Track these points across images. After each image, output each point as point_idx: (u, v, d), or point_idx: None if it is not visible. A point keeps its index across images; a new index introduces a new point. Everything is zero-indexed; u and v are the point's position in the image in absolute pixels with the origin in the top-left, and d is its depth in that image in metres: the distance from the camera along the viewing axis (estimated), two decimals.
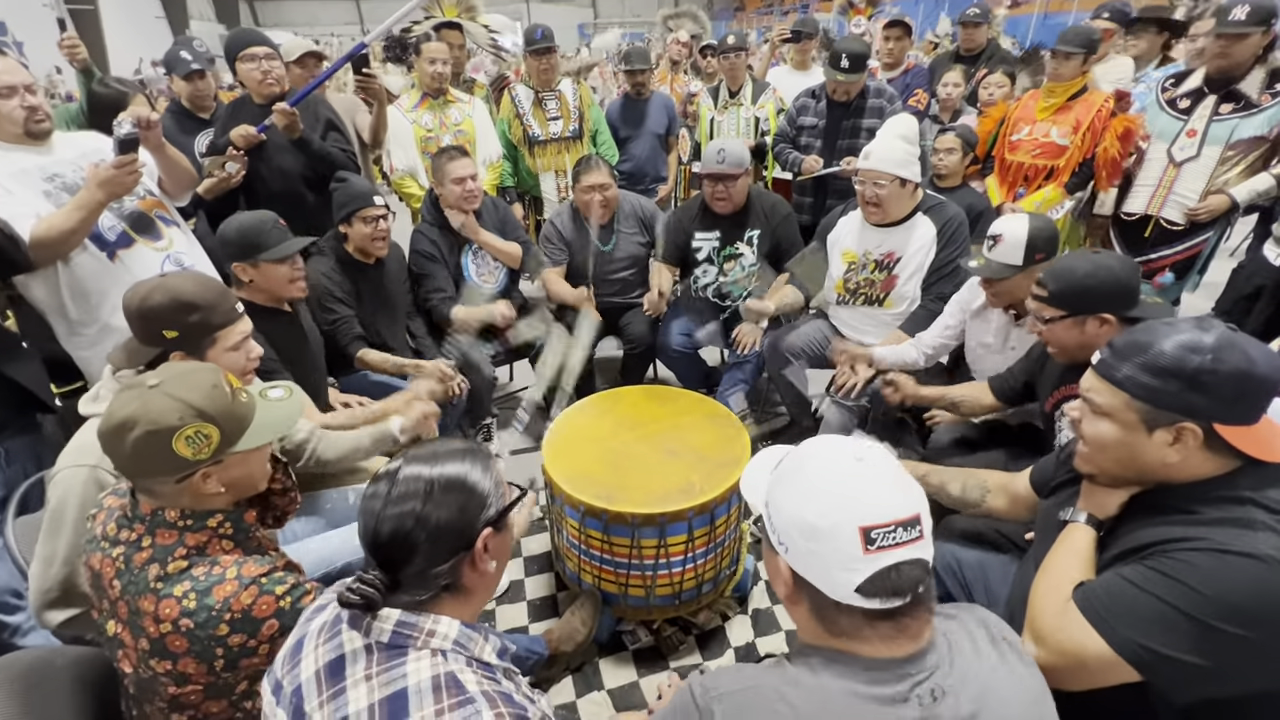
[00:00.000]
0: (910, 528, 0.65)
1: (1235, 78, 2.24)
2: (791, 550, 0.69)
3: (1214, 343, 0.82)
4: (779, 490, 0.73)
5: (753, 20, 21.40)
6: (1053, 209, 2.60)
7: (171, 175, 1.88)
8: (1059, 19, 11.25)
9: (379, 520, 0.74)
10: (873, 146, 2.03)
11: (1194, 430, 0.83)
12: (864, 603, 0.65)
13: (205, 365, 0.98)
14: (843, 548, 0.64)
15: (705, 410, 1.89)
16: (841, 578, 0.65)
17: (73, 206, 1.56)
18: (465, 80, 3.28)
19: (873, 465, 0.69)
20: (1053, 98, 2.57)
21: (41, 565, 1.10)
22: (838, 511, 0.66)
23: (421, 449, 0.81)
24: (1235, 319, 2.26)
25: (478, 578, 0.79)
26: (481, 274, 2.51)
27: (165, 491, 0.90)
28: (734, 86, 3.15)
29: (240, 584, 0.89)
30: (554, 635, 1.58)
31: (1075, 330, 1.34)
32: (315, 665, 0.74)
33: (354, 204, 2.03)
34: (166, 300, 1.19)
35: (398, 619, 0.73)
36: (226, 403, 0.92)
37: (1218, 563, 0.77)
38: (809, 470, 0.71)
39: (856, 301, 2.24)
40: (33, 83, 1.62)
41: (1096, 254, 1.38)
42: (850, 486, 0.67)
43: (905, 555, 0.64)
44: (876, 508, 0.65)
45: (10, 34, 11.06)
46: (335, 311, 2.04)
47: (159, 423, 0.85)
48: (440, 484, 0.75)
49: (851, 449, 0.71)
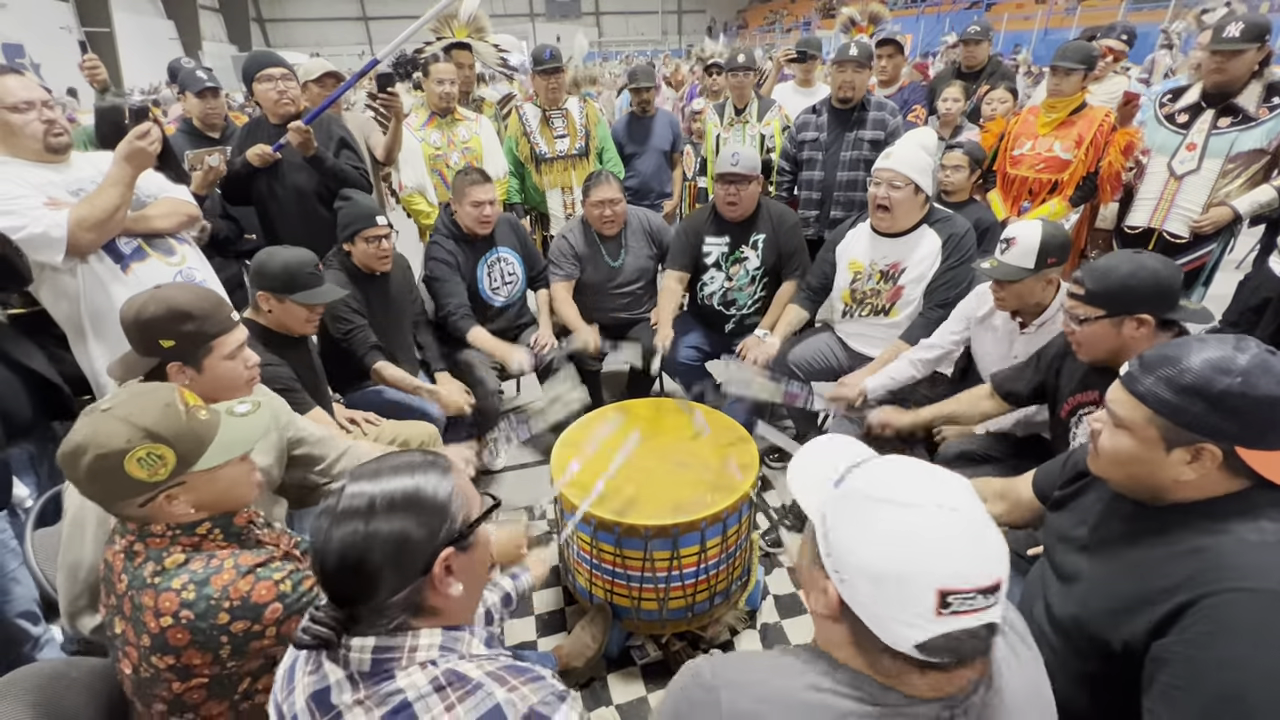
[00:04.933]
0: (990, 594, 0.58)
1: (1232, 92, 2.26)
2: (849, 585, 0.61)
3: (1246, 365, 0.78)
4: (845, 517, 0.63)
5: (755, 39, 21.69)
6: (1058, 222, 2.63)
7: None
8: (1060, 35, 11.36)
9: (324, 552, 0.67)
10: (894, 149, 2.05)
11: (1214, 452, 0.81)
12: (920, 657, 0.59)
13: (160, 385, 0.97)
14: (913, 605, 0.57)
15: (713, 422, 1.89)
16: (903, 632, 0.58)
17: (106, 184, 1.58)
18: (474, 99, 3.34)
19: (963, 516, 0.59)
20: (1054, 113, 2.60)
21: (68, 573, 1.11)
22: (916, 567, 0.58)
23: (368, 464, 0.73)
24: (1242, 331, 2.26)
25: (444, 600, 0.72)
26: (495, 286, 2.54)
27: (134, 514, 0.90)
28: (740, 104, 3.19)
29: (238, 572, 0.90)
30: (564, 651, 1.58)
31: (1112, 332, 1.30)
32: (304, 695, 0.71)
33: (357, 224, 2.06)
34: (162, 310, 1.21)
35: (374, 645, 0.68)
36: (179, 422, 0.90)
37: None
38: (890, 514, 0.60)
39: (863, 312, 2.25)
40: (50, 99, 1.64)
41: (1138, 254, 1.35)
42: (937, 545, 0.58)
43: (978, 621, 0.58)
44: (960, 571, 0.57)
45: (28, 56, 11.29)
46: (350, 322, 2.06)
47: (106, 446, 0.84)
48: (383, 501, 0.68)
49: (941, 492, 0.61)
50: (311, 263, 1.73)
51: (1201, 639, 0.77)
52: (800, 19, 21.70)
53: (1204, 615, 0.77)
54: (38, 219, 1.51)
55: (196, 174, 2.23)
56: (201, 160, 2.24)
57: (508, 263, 2.55)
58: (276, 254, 1.70)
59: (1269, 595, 0.75)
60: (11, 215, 1.49)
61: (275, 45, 23.32)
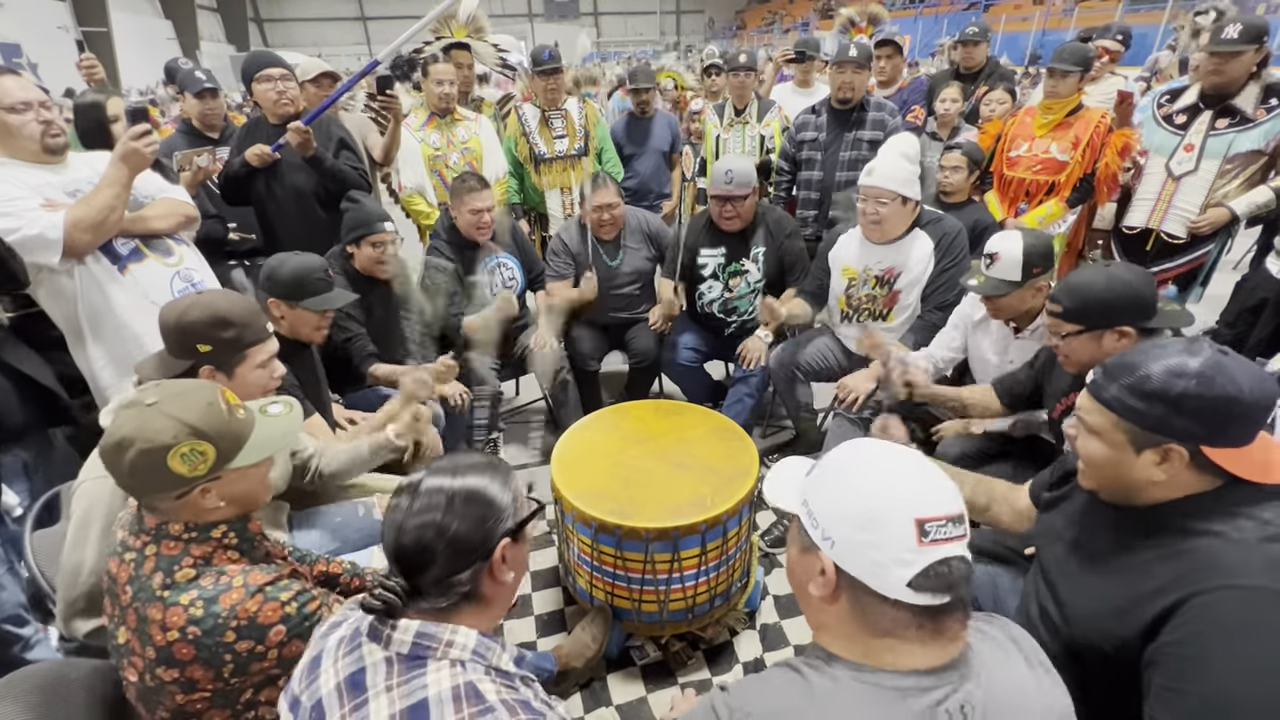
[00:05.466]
0: (958, 523, 0.66)
1: (1230, 93, 2.27)
2: (839, 544, 0.68)
3: (1199, 368, 0.81)
4: (823, 487, 0.72)
5: (753, 39, 21.73)
6: (1054, 223, 2.64)
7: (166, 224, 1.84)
8: (1057, 36, 11.39)
9: (401, 530, 0.76)
10: (876, 164, 2.05)
11: (1180, 452, 0.84)
12: (914, 598, 0.64)
13: (202, 383, 1.00)
14: (897, 538, 0.64)
15: (712, 424, 1.90)
16: (894, 572, 0.64)
17: (103, 185, 1.58)
18: (473, 99, 3.33)
19: (915, 463, 0.69)
20: (1050, 114, 2.61)
21: (69, 575, 1.11)
22: (892, 502, 0.65)
23: (444, 462, 0.83)
24: (1241, 331, 2.28)
25: (496, 588, 0.80)
26: (495, 291, 2.54)
27: (166, 507, 0.92)
28: (740, 105, 3.20)
29: (246, 592, 0.90)
30: (564, 651, 1.58)
31: (1093, 345, 1.32)
32: (336, 679, 0.74)
33: (363, 229, 2.06)
34: (205, 315, 1.23)
35: (417, 630, 0.74)
36: (223, 420, 0.93)
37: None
38: (859, 464, 0.70)
39: (860, 317, 2.25)
40: (46, 99, 1.64)
41: (1109, 266, 1.37)
42: (904, 479, 0.67)
43: (955, 551, 0.65)
44: (930, 500, 0.65)
45: (25, 56, 11.27)
46: (349, 330, 2.06)
47: (154, 441, 0.86)
48: (461, 496, 0.78)
49: (894, 449, 0.71)
50: (321, 268, 1.72)
51: (1191, 638, 0.78)
52: (799, 20, 21.74)
53: (1193, 615, 0.79)
54: (34, 220, 1.51)
55: (185, 174, 2.23)
56: (190, 161, 2.24)
57: (507, 268, 2.55)
58: (286, 261, 1.69)
59: (1255, 592, 0.76)
60: (7, 217, 1.48)
61: (274, 45, 23.31)
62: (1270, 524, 0.81)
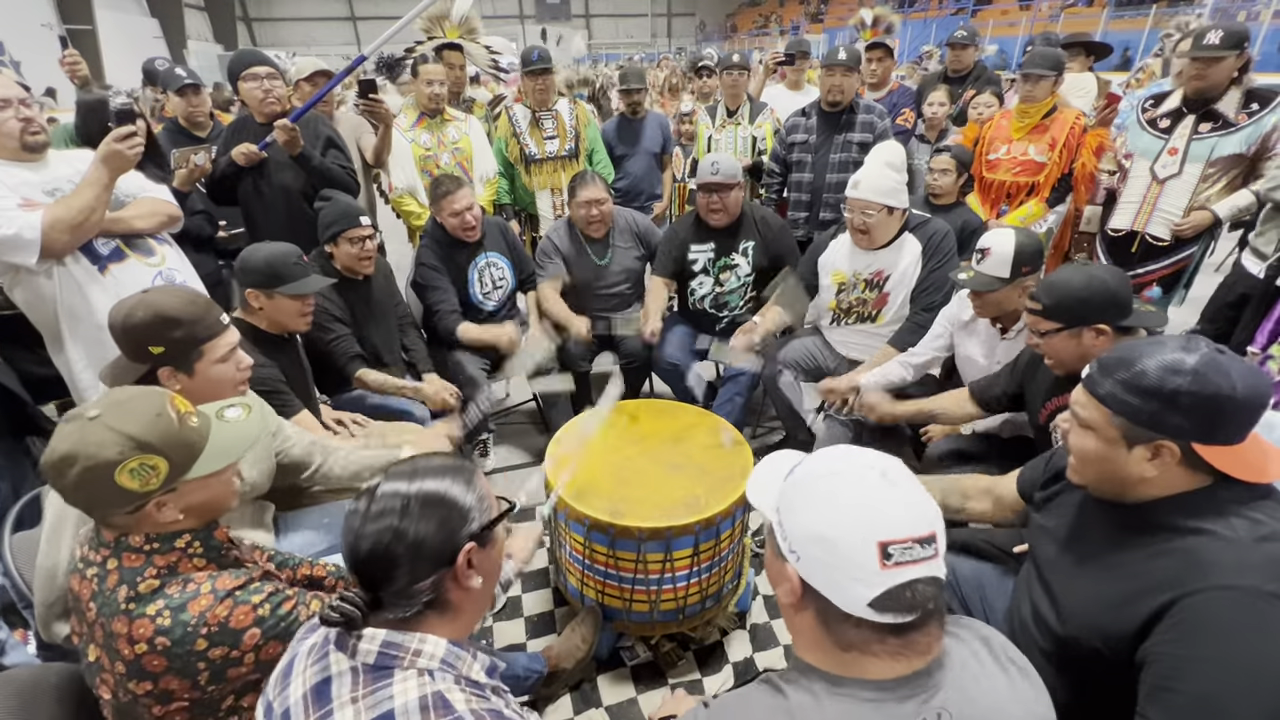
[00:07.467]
0: (927, 544, 0.64)
1: (1212, 98, 2.30)
2: (804, 559, 0.67)
3: (1195, 365, 0.82)
4: (794, 497, 0.71)
5: (745, 42, 21.81)
6: (1035, 223, 2.69)
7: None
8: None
9: (358, 537, 0.73)
10: (861, 175, 2.06)
11: (1172, 448, 0.84)
12: (876, 617, 0.63)
13: (151, 391, 0.93)
14: (859, 561, 0.63)
15: (704, 424, 1.89)
16: (855, 591, 0.63)
17: (83, 185, 1.55)
18: (464, 100, 3.32)
19: (893, 481, 0.67)
20: (1027, 118, 2.68)
21: (44, 578, 1.09)
22: (856, 525, 0.64)
23: (404, 465, 0.79)
24: (1222, 327, 2.31)
25: (463, 594, 0.77)
26: (486, 290, 2.53)
27: (120, 522, 0.87)
28: (733, 105, 3.20)
29: (215, 597, 0.87)
30: (554, 652, 1.57)
31: (1072, 342, 1.36)
32: (303, 688, 0.72)
33: (340, 224, 2.03)
34: (149, 316, 1.18)
35: (383, 639, 0.72)
36: (172, 430, 0.87)
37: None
38: (828, 481, 0.69)
39: (850, 320, 2.27)
40: (26, 97, 1.61)
41: (1087, 266, 1.41)
42: (870, 501, 0.65)
43: (921, 573, 0.63)
44: (895, 523, 0.64)
45: (8, 54, 11.10)
46: (332, 330, 2.03)
47: (97, 457, 0.81)
48: (418, 499, 0.74)
49: (873, 462, 0.69)
50: (295, 254, 1.70)
51: (1183, 638, 0.78)
52: (789, 23, 21.87)
53: (1185, 614, 0.79)
54: (10, 220, 1.48)
55: (181, 171, 2.20)
56: (187, 159, 2.21)
57: (497, 267, 2.54)
58: (259, 249, 1.67)
59: (1246, 592, 0.76)
60: None
61: (262, 44, 23.09)
62: (1262, 523, 0.81)
